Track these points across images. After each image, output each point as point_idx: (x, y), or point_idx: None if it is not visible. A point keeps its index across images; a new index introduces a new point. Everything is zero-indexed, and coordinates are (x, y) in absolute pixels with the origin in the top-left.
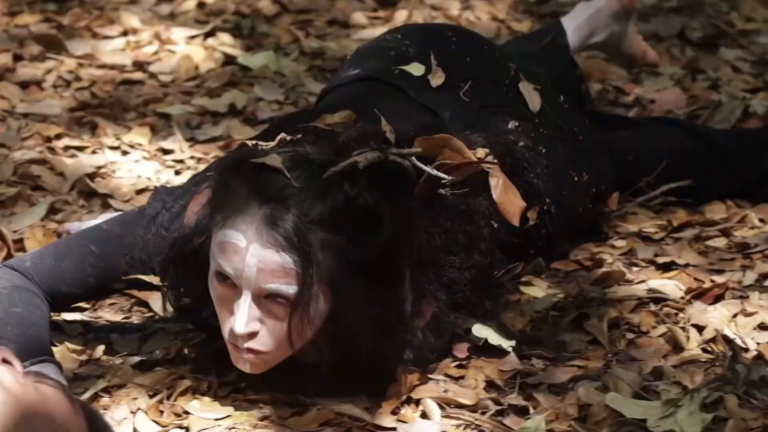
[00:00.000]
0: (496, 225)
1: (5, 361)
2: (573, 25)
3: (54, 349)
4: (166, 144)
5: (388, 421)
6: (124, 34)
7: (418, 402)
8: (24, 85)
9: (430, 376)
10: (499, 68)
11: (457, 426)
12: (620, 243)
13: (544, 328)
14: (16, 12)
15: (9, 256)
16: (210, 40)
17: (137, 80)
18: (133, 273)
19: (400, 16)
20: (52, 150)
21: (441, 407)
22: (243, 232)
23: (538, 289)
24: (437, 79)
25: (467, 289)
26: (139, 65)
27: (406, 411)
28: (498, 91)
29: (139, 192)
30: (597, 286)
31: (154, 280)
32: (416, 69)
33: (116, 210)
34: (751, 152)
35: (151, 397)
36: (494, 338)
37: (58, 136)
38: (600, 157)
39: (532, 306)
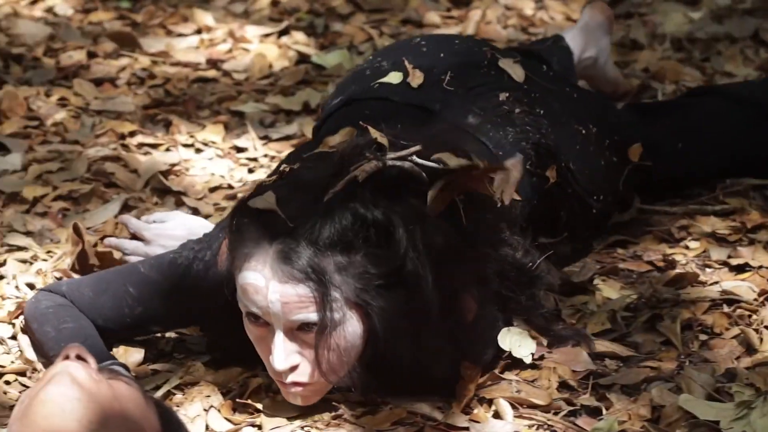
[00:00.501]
0: (519, 200)
1: (79, 358)
2: (569, 35)
3: (128, 345)
4: (240, 142)
5: (460, 420)
6: (198, 32)
7: (490, 402)
8: (98, 82)
9: (502, 375)
10: (474, 54)
11: (530, 426)
12: (694, 244)
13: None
14: (90, 9)
15: (84, 252)
16: (284, 39)
17: (211, 78)
18: (172, 322)
19: (474, 16)
20: (125, 147)
21: (513, 407)
22: (260, 271)
23: (611, 290)
24: (416, 79)
25: (500, 284)
26: (213, 63)
27: (479, 411)
28: (479, 72)
29: (213, 190)
30: (670, 288)
31: (194, 331)
32: (394, 77)
33: (189, 208)
34: None
35: (223, 395)
36: (516, 349)
37: (132, 134)
38: (604, 107)
39: (605, 307)
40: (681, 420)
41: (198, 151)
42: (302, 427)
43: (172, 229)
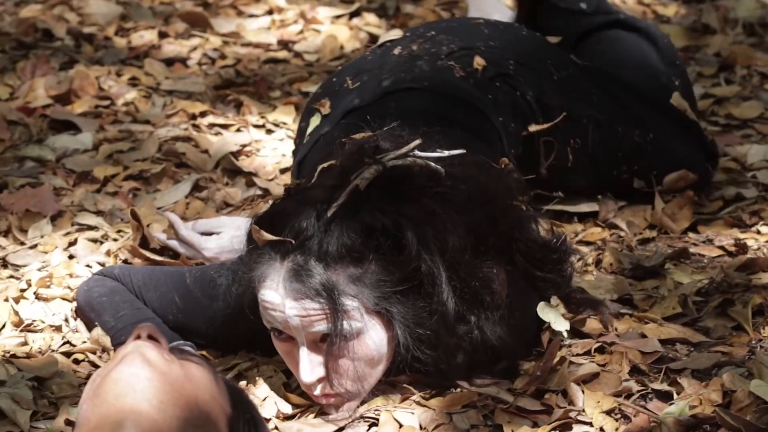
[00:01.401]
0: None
1: (151, 338)
2: None
3: None
4: None
5: (531, 404)
6: (270, 12)
7: (561, 386)
8: (169, 62)
9: (572, 360)
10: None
11: (600, 410)
12: (765, 229)
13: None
14: None
15: (143, 238)
16: (355, 20)
17: (282, 59)
18: (214, 341)
19: None
20: (196, 127)
21: (584, 391)
22: (275, 289)
23: (682, 275)
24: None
25: (528, 264)
26: (284, 44)
27: (550, 395)
28: (445, 41)
29: (283, 171)
30: (742, 272)
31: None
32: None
33: (260, 189)
34: None
35: (289, 376)
36: (555, 323)
37: (203, 114)
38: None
39: (676, 291)
40: (752, 405)
41: (269, 132)
42: (374, 411)
43: (230, 245)
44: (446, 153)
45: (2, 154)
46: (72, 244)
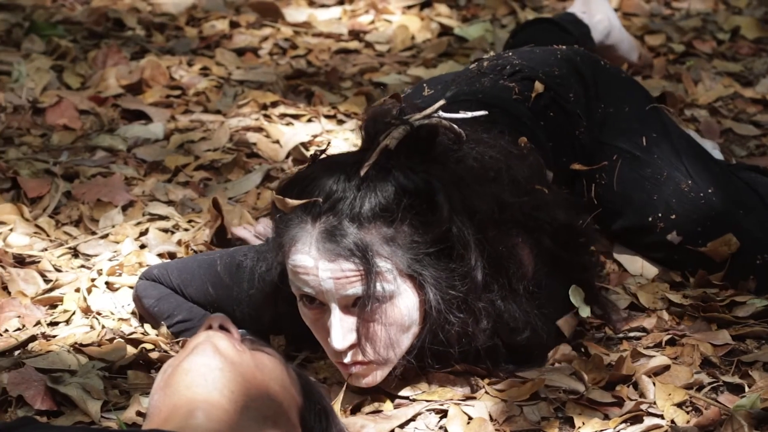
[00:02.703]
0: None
1: (222, 328)
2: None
3: None
4: None
5: (602, 396)
6: (341, 3)
7: (631, 378)
8: (240, 52)
9: (643, 352)
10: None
11: (672, 403)
12: None
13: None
14: None
15: (222, 228)
16: (426, 11)
17: (353, 49)
18: (244, 325)
19: None
20: (267, 117)
21: (655, 384)
22: (307, 253)
23: None
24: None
25: (556, 246)
26: (355, 34)
27: (621, 387)
28: (515, 61)
29: None
30: None
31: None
32: None
33: None
34: None
35: None
36: (582, 307)
37: (274, 104)
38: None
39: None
40: None
41: (340, 122)
42: (441, 403)
43: None
44: (469, 114)
45: (74, 144)
46: (143, 233)
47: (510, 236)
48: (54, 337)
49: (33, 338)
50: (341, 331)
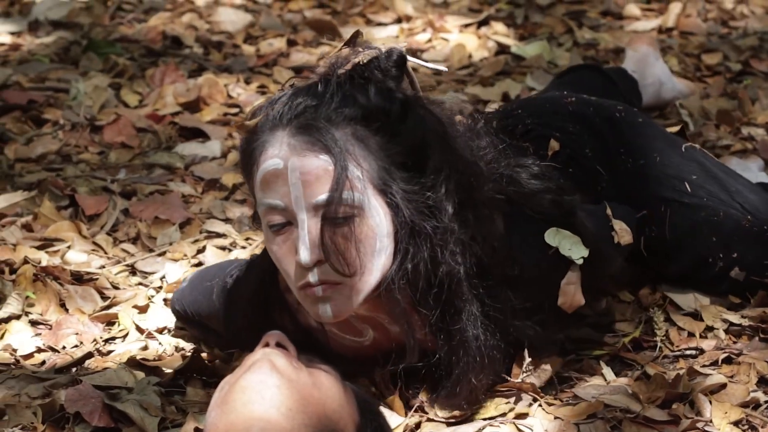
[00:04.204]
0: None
1: (279, 346)
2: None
3: None
4: None
5: (658, 414)
6: (398, 21)
7: (688, 396)
8: (298, 70)
9: (700, 370)
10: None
11: (728, 421)
12: None
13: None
14: None
15: None
16: (483, 29)
17: (411, 67)
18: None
19: (674, 9)
20: None
21: (711, 402)
22: (277, 155)
23: None
24: None
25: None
26: (413, 53)
27: (677, 405)
28: (527, 119)
29: None
30: None
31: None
32: None
33: None
34: None
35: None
36: (566, 247)
37: None
38: None
39: None
40: None
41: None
42: (498, 422)
43: None
44: (431, 64)
45: (131, 161)
46: (200, 251)
47: (479, 165)
48: (110, 353)
49: (90, 355)
50: (308, 243)
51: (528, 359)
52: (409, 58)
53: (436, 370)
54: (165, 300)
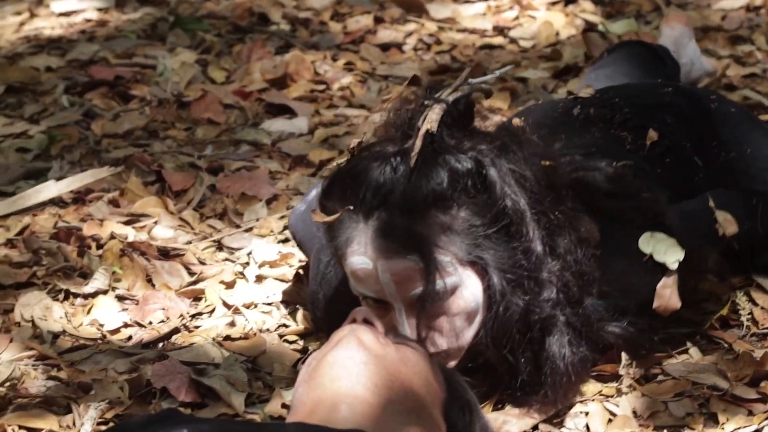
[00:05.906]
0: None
1: (366, 322)
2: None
3: None
4: None
5: (746, 392)
6: None
7: None
8: (384, 47)
9: None
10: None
11: None
12: None
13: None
14: None
15: None
16: (571, 7)
17: (497, 45)
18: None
19: None
20: None
21: None
22: (363, 253)
23: None
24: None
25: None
26: (500, 30)
27: (765, 383)
28: (624, 108)
29: None
30: None
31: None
32: None
33: None
34: None
35: None
36: (661, 252)
37: None
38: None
39: None
40: None
41: (484, 118)
42: (585, 400)
43: None
44: (497, 73)
45: (218, 138)
46: (287, 227)
47: (564, 199)
48: (197, 328)
49: (176, 330)
50: (407, 328)
51: (625, 360)
52: (472, 81)
53: (521, 388)
54: (258, 276)
